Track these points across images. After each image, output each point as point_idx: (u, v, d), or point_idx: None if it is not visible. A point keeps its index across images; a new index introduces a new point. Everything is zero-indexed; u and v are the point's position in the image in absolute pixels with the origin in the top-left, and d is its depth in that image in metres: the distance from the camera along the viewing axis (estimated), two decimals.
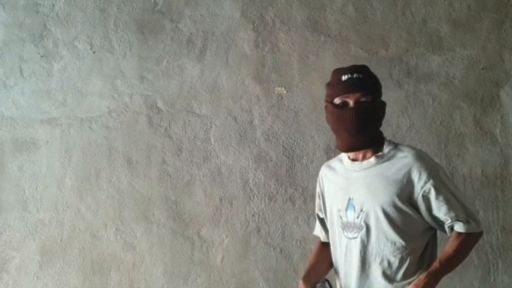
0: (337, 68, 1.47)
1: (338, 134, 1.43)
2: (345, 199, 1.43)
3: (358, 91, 1.37)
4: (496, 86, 2.23)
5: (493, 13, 2.27)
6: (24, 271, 2.32)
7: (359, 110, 1.37)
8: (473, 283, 2.14)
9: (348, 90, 1.38)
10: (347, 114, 1.37)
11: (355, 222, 1.40)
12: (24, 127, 2.41)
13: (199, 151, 2.32)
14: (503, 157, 2.20)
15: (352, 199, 1.41)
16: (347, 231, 1.42)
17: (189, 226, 2.28)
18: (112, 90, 2.40)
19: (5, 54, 2.47)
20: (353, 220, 1.40)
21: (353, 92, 1.37)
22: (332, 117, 1.42)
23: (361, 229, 1.39)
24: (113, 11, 2.44)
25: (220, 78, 2.35)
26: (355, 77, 1.38)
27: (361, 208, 1.39)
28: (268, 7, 2.37)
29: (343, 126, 1.38)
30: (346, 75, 1.40)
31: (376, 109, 1.41)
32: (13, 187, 2.37)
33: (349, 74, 1.39)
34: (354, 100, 1.37)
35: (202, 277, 2.25)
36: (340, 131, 1.41)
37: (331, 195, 1.50)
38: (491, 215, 2.17)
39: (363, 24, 2.32)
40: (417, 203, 1.36)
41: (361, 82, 1.38)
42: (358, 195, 1.41)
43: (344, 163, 1.48)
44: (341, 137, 1.42)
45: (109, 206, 2.33)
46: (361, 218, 1.39)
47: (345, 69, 1.43)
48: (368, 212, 1.38)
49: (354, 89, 1.38)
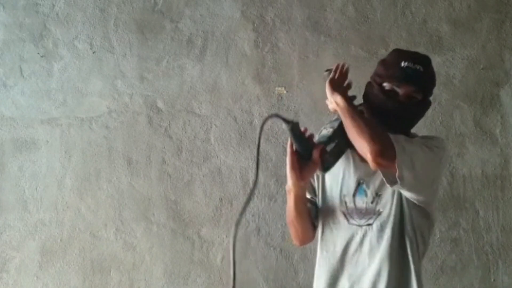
0: (399, 50, 1.36)
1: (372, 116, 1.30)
2: (353, 183, 1.33)
3: (413, 85, 1.26)
4: (496, 86, 2.23)
5: (493, 13, 2.27)
6: (24, 271, 2.32)
7: (407, 105, 1.26)
8: (473, 283, 2.14)
9: (403, 80, 1.26)
10: (393, 104, 1.27)
11: (368, 208, 1.30)
12: (24, 127, 2.41)
13: (199, 151, 2.32)
14: (503, 157, 2.20)
15: (363, 183, 1.32)
16: (357, 217, 1.31)
17: (189, 226, 2.28)
18: (112, 90, 2.40)
19: (5, 54, 2.47)
20: (366, 205, 1.30)
21: (408, 84, 1.26)
22: (373, 101, 1.30)
23: (378, 214, 1.29)
24: (113, 11, 2.44)
25: (220, 78, 2.35)
26: (415, 68, 1.26)
27: (377, 192, 1.30)
28: (268, 7, 2.37)
29: (382, 114, 1.28)
30: (406, 62, 1.27)
31: (422, 109, 1.33)
32: (13, 187, 2.37)
33: (410, 63, 1.26)
34: (405, 92, 1.26)
35: (202, 277, 2.25)
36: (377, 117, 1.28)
37: (335, 178, 1.37)
38: (491, 215, 2.17)
39: (363, 24, 2.32)
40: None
41: (420, 76, 1.26)
42: (371, 179, 1.31)
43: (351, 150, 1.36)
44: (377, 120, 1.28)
45: (109, 206, 2.33)
46: (376, 202, 1.30)
47: (407, 54, 1.30)
48: (383, 197, 1.30)
49: (410, 81, 1.26)
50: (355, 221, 1.32)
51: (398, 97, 1.28)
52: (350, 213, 1.33)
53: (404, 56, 1.30)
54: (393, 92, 1.28)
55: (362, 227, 1.31)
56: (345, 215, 1.34)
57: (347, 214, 1.33)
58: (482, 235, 2.16)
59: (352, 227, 1.32)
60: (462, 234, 2.16)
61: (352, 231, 1.32)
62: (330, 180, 1.39)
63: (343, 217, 1.34)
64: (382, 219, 1.29)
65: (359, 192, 1.32)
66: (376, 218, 1.30)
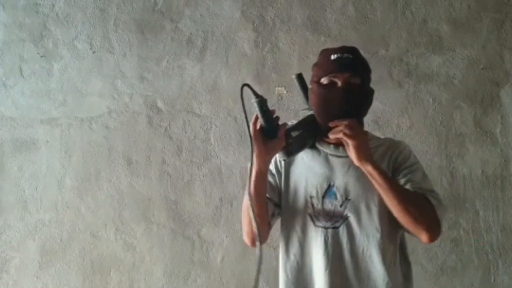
0: (326, 48, 1.38)
1: (323, 117, 1.31)
2: (323, 186, 1.32)
3: (348, 71, 1.29)
4: (496, 86, 2.23)
5: (493, 13, 2.26)
6: (24, 271, 2.32)
7: (348, 90, 1.28)
8: (473, 283, 2.14)
9: (337, 69, 1.29)
10: (334, 93, 1.28)
11: (336, 211, 1.29)
12: (24, 127, 2.41)
13: (199, 151, 2.31)
14: (503, 157, 2.19)
15: (333, 185, 1.31)
16: (324, 220, 1.30)
17: (189, 226, 2.28)
18: (112, 90, 2.40)
19: (5, 54, 2.47)
20: (334, 208, 1.30)
21: (342, 71, 1.29)
22: (317, 98, 1.31)
23: (346, 218, 1.29)
24: (113, 11, 2.44)
25: (220, 78, 2.35)
26: (345, 57, 1.30)
27: (347, 196, 1.29)
28: (268, 7, 2.37)
29: (329, 106, 1.28)
30: (335, 54, 1.31)
31: (365, 93, 1.33)
32: (13, 187, 2.37)
33: (339, 54, 1.30)
34: (342, 80, 1.28)
35: (202, 277, 2.25)
36: (326, 112, 1.30)
37: (300, 179, 1.36)
38: (491, 215, 2.17)
39: (363, 24, 2.32)
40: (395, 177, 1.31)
41: (351, 62, 1.30)
42: (342, 182, 1.31)
43: (322, 147, 1.36)
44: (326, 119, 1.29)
45: (109, 206, 2.33)
46: (345, 206, 1.29)
47: (334, 49, 1.34)
48: (356, 201, 1.29)
49: (343, 68, 1.29)
50: (321, 224, 1.30)
51: (338, 86, 1.29)
52: (316, 215, 1.31)
53: (331, 50, 1.34)
54: (332, 83, 1.30)
55: (328, 230, 1.29)
56: (311, 217, 1.32)
57: (314, 216, 1.32)
58: (482, 235, 2.16)
59: (318, 229, 1.31)
60: (462, 234, 2.16)
61: (318, 234, 1.30)
62: (294, 180, 1.37)
63: (309, 219, 1.32)
64: (349, 224, 1.29)
65: (329, 194, 1.31)
66: (343, 222, 1.29)
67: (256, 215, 1.24)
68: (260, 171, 1.26)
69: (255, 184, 1.26)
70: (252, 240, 1.34)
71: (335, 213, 1.30)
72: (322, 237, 1.29)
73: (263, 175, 1.28)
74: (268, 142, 1.25)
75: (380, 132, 2.23)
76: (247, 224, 1.32)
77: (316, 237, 1.30)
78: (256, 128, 1.24)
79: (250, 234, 1.33)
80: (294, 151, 1.31)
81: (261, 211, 1.31)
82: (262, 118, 1.24)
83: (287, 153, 1.29)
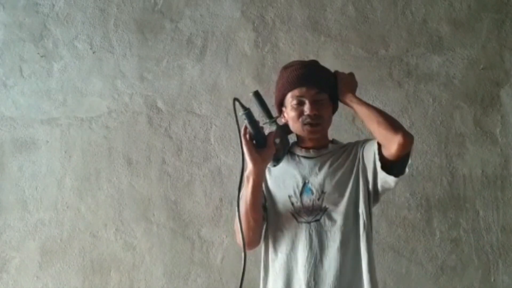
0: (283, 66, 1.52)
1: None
2: (299, 184, 1.42)
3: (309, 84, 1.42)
4: (496, 86, 2.23)
5: (493, 13, 2.27)
6: (24, 271, 2.32)
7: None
8: (473, 283, 2.14)
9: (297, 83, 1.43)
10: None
11: (315, 205, 1.39)
12: (24, 127, 2.41)
13: (199, 151, 2.31)
14: (503, 157, 2.19)
15: (308, 182, 1.41)
16: (305, 215, 1.40)
17: (189, 226, 2.28)
18: (112, 90, 2.40)
19: (5, 54, 2.47)
20: (313, 203, 1.39)
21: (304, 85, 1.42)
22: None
23: (325, 210, 1.39)
24: (113, 11, 2.44)
25: (220, 78, 2.35)
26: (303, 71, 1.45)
27: (322, 190, 1.39)
28: (268, 7, 2.37)
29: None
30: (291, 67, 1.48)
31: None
32: (13, 187, 2.37)
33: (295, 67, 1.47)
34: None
35: (202, 277, 2.25)
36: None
37: (277, 182, 1.46)
38: (491, 215, 2.17)
39: (363, 24, 2.32)
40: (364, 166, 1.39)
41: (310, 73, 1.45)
42: (316, 179, 1.41)
43: (296, 151, 1.47)
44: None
45: (109, 206, 2.33)
46: (322, 199, 1.39)
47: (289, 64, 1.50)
48: (331, 193, 1.39)
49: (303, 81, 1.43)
50: (304, 219, 1.40)
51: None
52: (298, 212, 1.41)
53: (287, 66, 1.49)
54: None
55: (311, 224, 1.39)
56: (293, 215, 1.41)
57: (295, 213, 1.41)
58: (482, 235, 2.16)
59: (301, 225, 1.40)
60: (462, 234, 2.16)
61: (302, 229, 1.39)
62: (273, 183, 1.47)
63: (291, 217, 1.41)
64: (329, 214, 1.38)
65: (305, 191, 1.41)
66: (324, 213, 1.39)
67: (254, 226, 1.38)
68: (258, 180, 1.35)
69: (253, 193, 1.35)
70: (249, 244, 1.41)
71: (314, 207, 1.39)
72: (307, 231, 1.39)
73: (259, 184, 1.37)
74: (261, 152, 1.33)
75: None
76: (246, 229, 1.38)
77: (301, 232, 1.39)
78: (248, 140, 1.32)
79: (246, 239, 1.37)
80: (281, 157, 1.42)
81: (258, 216, 1.40)
82: (252, 129, 1.33)
83: (276, 159, 1.40)
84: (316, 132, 1.43)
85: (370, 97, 2.24)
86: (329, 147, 1.46)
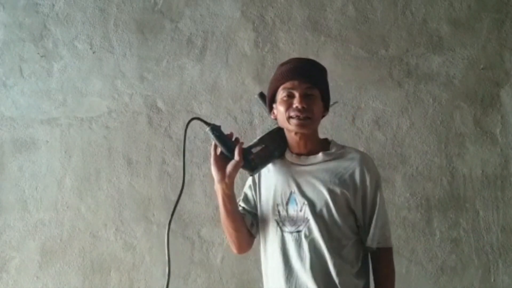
0: (280, 64, 1.49)
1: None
2: (286, 193, 1.40)
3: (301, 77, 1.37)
4: (496, 86, 2.23)
5: (493, 13, 2.26)
6: (24, 271, 2.32)
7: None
8: (473, 283, 2.14)
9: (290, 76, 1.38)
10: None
11: (298, 216, 1.38)
12: (24, 127, 2.41)
13: (199, 151, 2.31)
14: (503, 157, 2.19)
15: (294, 192, 1.39)
16: (289, 225, 1.38)
17: (189, 226, 2.28)
18: (112, 90, 2.40)
19: (5, 54, 2.47)
20: (296, 214, 1.38)
21: (296, 78, 1.37)
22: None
23: (307, 221, 1.36)
24: (113, 11, 2.44)
25: (220, 78, 2.35)
26: (297, 65, 1.41)
27: (304, 201, 1.37)
28: (268, 7, 2.37)
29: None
30: (286, 64, 1.43)
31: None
32: (13, 187, 2.37)
33: (290, 63, 1.42)
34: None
35: (202, 277, 2.25)
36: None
37: (268, 189, 1.44)
38: (491, 215, 2.17)
39: (363, 24, 2.32)
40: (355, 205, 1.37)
41: (304, 67, 1.40)
42: (301, 189, 1.38)
43: (287, 156, 1.43)
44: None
45: (109, 206, 2.33)
46: (304, 211, 1.36)
47: (285, 61, 1.45)
48: (311, 205, 1.36)
49: (296, 74, 1.38)
50: (287, 229, 1.39)
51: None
52: (282, 221, 1.40)
53: (283, 63, 1.44)
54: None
55: (293, 234, 1.38)
56: (278, 223, 1.41)
57: (280, 222, 1.40)
58: (482, 235, 2.16)
59: (287, 235, 1.39)
60: (462, 234, 2.16)
61: (286, 239, 1.39)
62: (265, 190, 1.46)
63: (276, 225, 1.41)
64: (309, 225, 1.36)
65: (291, 202, 1.40)
66: (305, 225, 1.37)
67: (235, 235, 1.43)
68: (225, 194, 1.36)
69: (224, 206, 1.38)
70: (237, 249, 1.50)
71: (298, 217, 1.38)
72: (291, 241, 1.38)
73: (229, 196, 1.37)
74: (227, 166, 1.33)
75: (380, 132, 2.23)
76: (228, 237, 1.47)
77: (287, 242, 1.39)
78: (217, 154, 1.35)
79: (233, 244, 1.49)
80: (259, 165, 1.40)
81: (236, 225, 1.42)
82: (218, 143, 1.35)
83: (250, 168, 1.39)
84: (303, 126, 1.34)
85: (370, 97, 2.24)
86: (319, 157, 1.39)
